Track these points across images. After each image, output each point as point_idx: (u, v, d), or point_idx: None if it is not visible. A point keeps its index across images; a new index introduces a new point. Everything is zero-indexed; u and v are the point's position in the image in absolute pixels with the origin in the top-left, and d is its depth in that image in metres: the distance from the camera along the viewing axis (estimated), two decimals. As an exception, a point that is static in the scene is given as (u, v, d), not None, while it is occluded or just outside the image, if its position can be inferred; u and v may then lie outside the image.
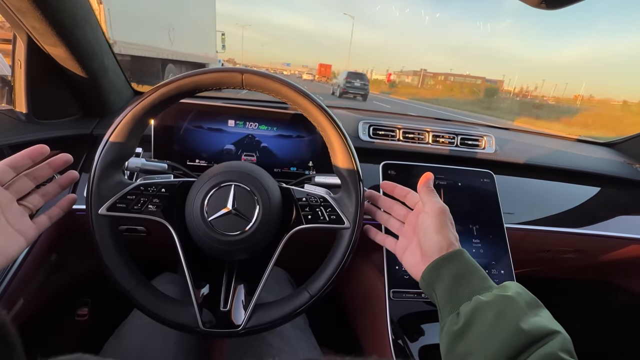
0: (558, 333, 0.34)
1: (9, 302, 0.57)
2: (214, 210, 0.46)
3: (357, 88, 16.38)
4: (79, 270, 0.87)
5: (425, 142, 0.88)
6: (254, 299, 0.47)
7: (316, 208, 0.50)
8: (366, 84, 16.63)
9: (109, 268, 0.45)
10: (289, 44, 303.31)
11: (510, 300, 0.37)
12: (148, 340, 0.54)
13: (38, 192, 0.46)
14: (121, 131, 0.45)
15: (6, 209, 0.40)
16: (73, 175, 0.49)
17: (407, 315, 0.64)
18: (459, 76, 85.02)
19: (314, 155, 0.76)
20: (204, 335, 0.46)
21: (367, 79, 17.33)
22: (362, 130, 0.87)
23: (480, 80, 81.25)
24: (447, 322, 0.40)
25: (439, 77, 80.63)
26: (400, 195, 0.55)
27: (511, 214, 0.78)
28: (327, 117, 0.47)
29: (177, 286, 0.67)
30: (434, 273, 0.43)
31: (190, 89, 0.45)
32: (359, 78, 16.64)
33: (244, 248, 0.47)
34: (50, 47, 0.64)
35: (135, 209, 0.47)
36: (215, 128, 0.72)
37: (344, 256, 0.49)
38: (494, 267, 0.71)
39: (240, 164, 0.51)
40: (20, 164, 0.42)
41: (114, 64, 0.80)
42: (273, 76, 0.46)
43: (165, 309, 0.46)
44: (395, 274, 0.66)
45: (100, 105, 0.80)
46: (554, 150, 1.07)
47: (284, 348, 0.56)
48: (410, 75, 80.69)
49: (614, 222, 0.90)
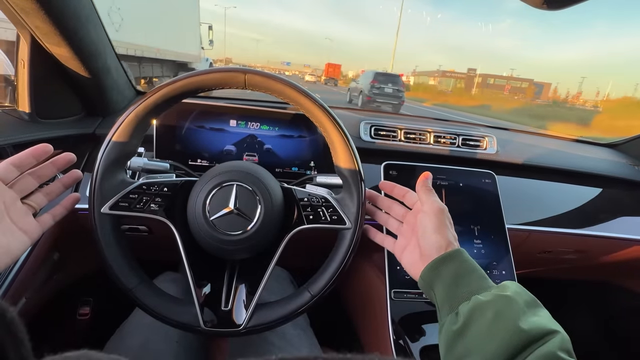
0: (557, 333, 0.34)
1: (11, 301, 0.58)
2: (216, 209, 0.46)
3: (389, 95, 11.42)
4: (81, 269, 0.87)
5: (427, 143, 0.88)
6: (255, 299, 0.47)
7: (318, 208, 0.50)
8: (400, 89, 11.63)
9: (111, 267, 0.46)
10: (287, 42, 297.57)
11: (509, 299, 0.37)
12: (150, 339, 0.54)
13: (42, 191, 0.46)
14: (124, 130, 0.45)
15: (10, 208, 0.41)
16: (76, 175, 0.49)
17: (408, 316, 0.64)
18: (499, 77, 70.33)
19: (315, 155, 0.76)
20: (205, 334, 0.46)
21: (402, 82, 12.07)
22: (363, 130, 0.87)
23: (528, 84, 68.04)
24: (445, 321, 0.40)
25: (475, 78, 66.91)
26: (399, 195, 0.55)
27: (512, 215, 0.78)
28: (329, 117, 0.47)
29: (179, 285, 0.67)
30: (433, 273, 0.43)
31: (193, 89, 0.45)
32: (391, 81, 11.58)
33: (246, 248, 0.47)
34: (53, 47, 0.64)
35: (137, 208, 0.47)
36: (217, 128, 0.72)
37: (345, 256, 0.49)
38: (496, 268, 0.71)
39: (242, 163, 0.52)
40: (24, 162, 0.42)
41: (116, 63, 0.80)
42: (275, 76, 0.46)
43: (167, 308, 0.47)
44: (396, 274, 0.66)
45: (102, 104, 0.81)
46: (556, 150, 1.06)
47: (285, 347, 0.56)
48: (437, 76, 67.86)
49: (616, 223, 0.90)
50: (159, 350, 0.53)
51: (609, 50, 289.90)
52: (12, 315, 0.17)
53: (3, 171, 0.40)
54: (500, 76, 73.11)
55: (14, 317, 0.17)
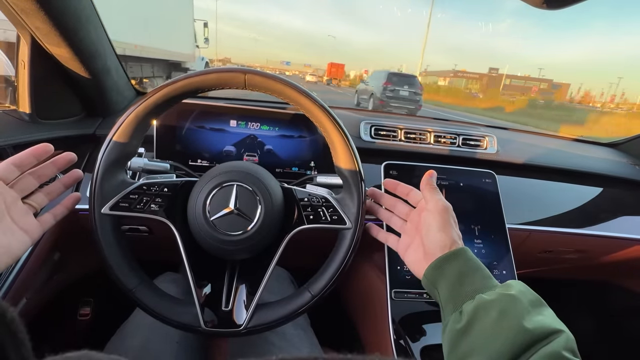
0: (562, 332, 0.34)
1: (12, 301, 0.58)
2: (216, 210, 0.46)
3: (404, 99, 10.08)
4: (81, 269, 0.87)
5: (427, 143, 0.88)
6: (256, 299, 0.47)
7: (318, 208, 0.50)
8: (418, 91, 10.29)
9: (111, 267, 0.46)
10: (287, 41, 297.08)
11: (513, 298, 0.36)
12: (150, 339, 0.54)
13: (42, 191, 0.46)
14: (124, 131, 0.45)
15: (11, 207, 0.41)
16: (77, 175, 0.49)
17: (408, 316, 0.64)
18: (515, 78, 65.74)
19: (315, 155, 0.76)
20: (205, 334, 0.46)
21: (420, 84, 10.66)
22: (363, 130, 0.87)
23: (547, 84, 64.24)
24: (449, 320, 0.40)
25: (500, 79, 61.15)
26: (403, 193, 0.54)
27: (513, 214, 0.78)
28: (329, 118, 0.47)
29: (179, 285, 0.67)
30: (437, 271, 0.43)
31: (193, 89, 0.45)
32: (407, 83, 10.19)
33: (246, 248, 0.47)
34: (53, 48, 0.64)
35: (137, 208, 0.47)
36: (217, 128, 0.72)
37: (345, 256, 0.49)
38: (496, 268, 0.71)
39: (242, 164, 0.52)
40: (24, 162, 0.42)
41: (116, 64, 0.80)
42: (275, 76, 0.46)
43: (167, 308, 0.47)
44: (396, 274, 0.66)
45: (103, 105, 0.81)
46: (556, 150, 1.06)
47: (285, 347, 0.56)
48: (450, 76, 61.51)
49: (617, 222, 0.90)
50: (159, 351, 0.53)
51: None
52: (12, 315, 0.17)
53: (4, 171, 0.40)
54: (516, 76, 69.20)
55: (14, 318, 0.17)
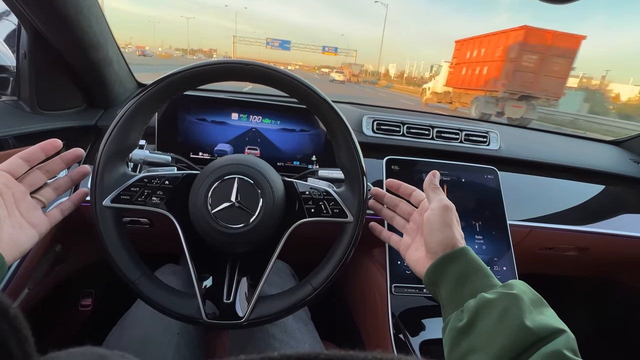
0: (563, 332, 0.34)
1: (14, 292, 0.58)
2: (218, 202, 0.46)
3: None
4: (82, 261, 0.87)
5: (430, 138, 0.88)
6: (257, 292, 0.47)
7: (319, 202, 0.50)
8: None
9: (113, 259, 0.46)
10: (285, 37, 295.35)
11: (515, 298, 0.36)
12: (151, 330, 0.55)
13: (50, 186, 0.46)
14: (125, 123, 0.45)
15: (20, 202, 0.41)
16: (85, 170, 0.48)
17: (408, 310, 0.65)
18: None
19: (317, 149, 0.76)
20: (207, 326, 0.47)
21: None
22: (366, 125, 0.87)
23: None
24: (451, 318, 0.40)
25: None
26: (405, 193, 0.54)
27: (514, 211, 0.77)
28: (332, 112, 0.47)
29: (180, 278, 0.67)
30: (438, 270, 0.43)
31: (195, 81, 0.45)
32: None
33: (247, 241, 0.47)
34: (54, 38, 0.64)
35: (139, 200, 0.47)
36: (219, 121, 0.72)
37: (346, 250, 0.49)
38: (496, 264, 0.71)
39: (244, 157, 0.51)
40: (33, 157, 0.42)
41: (118, 55, 0.80)
42: (278, 69, 0.45)
43: (169, 300, 0.47)
44: (397, 269, 0.66)
45: (104, 96, 0.80)
46: (559, 147, 1.06)
47: (286, 340, 0.57)
48: None
49: (619, 220, 0.90)
50: (159, 342, 0.54)
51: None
52: (15, 311, 0.17)
53: (13, 165, 0.41)
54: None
55: (17, 314, 0.17)
